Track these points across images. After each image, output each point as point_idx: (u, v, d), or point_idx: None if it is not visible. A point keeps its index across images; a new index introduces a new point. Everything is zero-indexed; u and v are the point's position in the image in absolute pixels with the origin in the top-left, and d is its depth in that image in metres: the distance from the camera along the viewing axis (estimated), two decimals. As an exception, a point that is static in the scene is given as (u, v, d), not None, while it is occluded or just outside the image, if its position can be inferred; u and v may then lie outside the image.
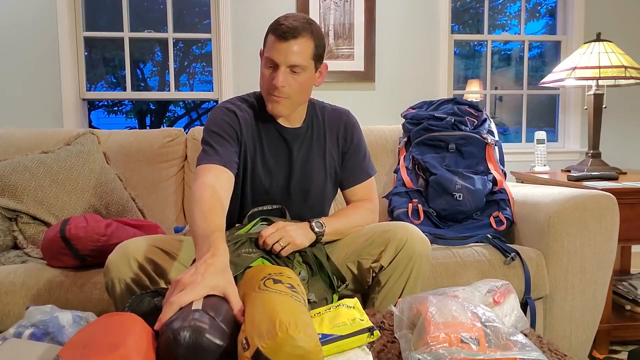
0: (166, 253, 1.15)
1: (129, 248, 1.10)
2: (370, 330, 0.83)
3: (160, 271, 1.12)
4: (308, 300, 1.14)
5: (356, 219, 1.33)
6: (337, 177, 1.39)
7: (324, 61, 1.27)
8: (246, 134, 1.27)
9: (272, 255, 1.15)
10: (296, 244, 1.15)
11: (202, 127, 2.01)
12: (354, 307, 0.91)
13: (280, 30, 1.15)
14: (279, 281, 0.87)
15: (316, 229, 1.20)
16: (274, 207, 1.29)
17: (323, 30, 2.83)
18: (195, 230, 0.99)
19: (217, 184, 1.13)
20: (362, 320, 0.85)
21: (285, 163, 1.31)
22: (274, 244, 1.13)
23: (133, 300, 0.90)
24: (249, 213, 1.27)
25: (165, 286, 1.14)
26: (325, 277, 1.19)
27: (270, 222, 1.24)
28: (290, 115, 1.29)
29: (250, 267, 1.08)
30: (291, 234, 1.14)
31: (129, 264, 1.08)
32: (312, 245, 1.21)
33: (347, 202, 1.41)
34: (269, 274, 0.90)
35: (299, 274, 1.16)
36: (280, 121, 1.30)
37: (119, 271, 1.08)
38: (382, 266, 1.19)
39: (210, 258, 0.84)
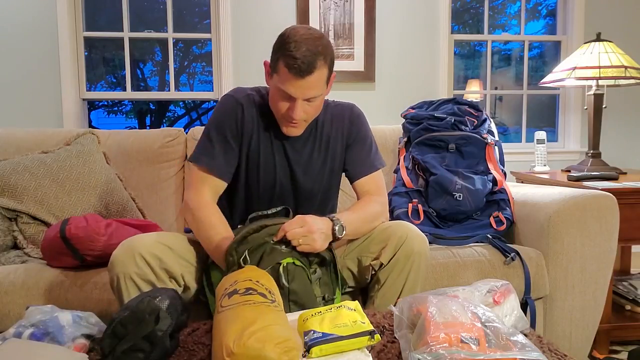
0: (171, 249, 1.15)
1: (134, 244, 1.11)
2: (371, 333, 0.83)
3: (165, 267, 1.13)
4: (324, 297, 1.14)
5: (370, 215, 1.28)
6: (341, 172, 1.39)
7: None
8: (249, 129, 1.28)
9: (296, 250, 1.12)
10: (314, 249, 1.11)
11: (202, 128, 2.02)
12: (354, 310, 0.91)
13: (296, 67, 1.10)
14: (234, 291, 0.88)
15: (337, 235, 1.17)
16: (278, 209, 1.29)
17: (323, 30, 2.83)
18: (211, 242, 1.17)
19: (214, 200, 1.28)
20: (364, 322, 0.85)
21: (287, 165, 1.31)
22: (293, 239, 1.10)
23: (133, 300, 0.90)
24: (250, 217, 1.27)
25: (170, 284, 1.14)
26: (333, 275, 1.19)
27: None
28: None
29: (280, 263, 1.08)
30: (314, 237, 1.09)
31: (134, 260, 1.09)
32: None
33: (357, 195, 1.37)
34: (225, 290, 0.91)
35: (315, 272, 1.14)
36: None
37: (124, 266, 1.09)
38: (382, 263, 1.20)
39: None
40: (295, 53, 1.10)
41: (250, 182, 1.31)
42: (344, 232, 1.18)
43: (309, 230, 1.09)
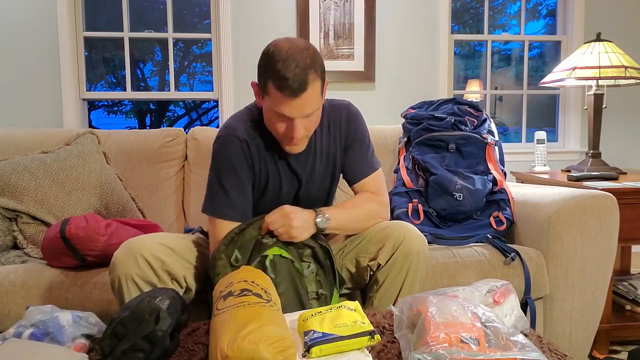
0: (173, 251, 1.15)
1: (135, 245, 1.10)
2: (371, 333, 0.83)
3: (167, 268, 1.12)
4: (317, 293, 1.14)
5: (363, 213, 1.27)
6: (339, 174, 1.37)
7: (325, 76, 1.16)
8: (257, 161, 1.24)
9: (284, 242, 1.14)
10: (292, 237, 1.12)
11: (203, 128, 2.02)
12: (355, 310, 0.91)
13: (288, 88, 1.04)
14: (229, 293, 0.88)
15: (319, 226, 1.17)
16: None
17: (323, 30, 2.83)
18: None
19: None
20: (364, 323, 0.85)
21: (296, 181, 1.28)
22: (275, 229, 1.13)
23: (133, 300, 0.90)
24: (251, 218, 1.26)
25: (171, 285, 1.14)
26: (330, 273, 1.19)
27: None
28: None
29: (266, 255, 1.10)
30: (293, 225, 1.11)
31: (135, 261, 1.09)
32: (313, 235, 1.18)
33: None
34: (220, 292, 0.92)
35: (308, 267, 1.15)
36: None
37: (125, 268, 1.09)
38: (380, 264, 1.19)
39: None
40: (285, 72, 1.03)
41: (258, 203, 1.29)
42: (327, 224, 1.17)
43: (286, 217, 1.11)
